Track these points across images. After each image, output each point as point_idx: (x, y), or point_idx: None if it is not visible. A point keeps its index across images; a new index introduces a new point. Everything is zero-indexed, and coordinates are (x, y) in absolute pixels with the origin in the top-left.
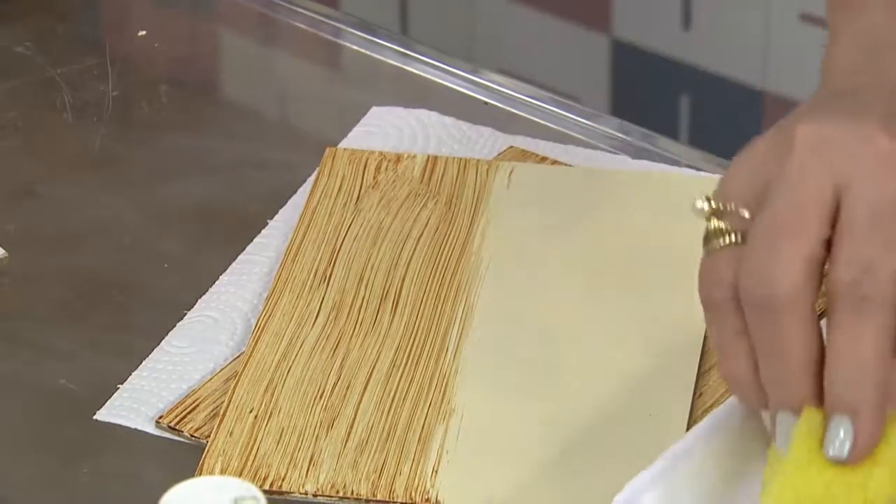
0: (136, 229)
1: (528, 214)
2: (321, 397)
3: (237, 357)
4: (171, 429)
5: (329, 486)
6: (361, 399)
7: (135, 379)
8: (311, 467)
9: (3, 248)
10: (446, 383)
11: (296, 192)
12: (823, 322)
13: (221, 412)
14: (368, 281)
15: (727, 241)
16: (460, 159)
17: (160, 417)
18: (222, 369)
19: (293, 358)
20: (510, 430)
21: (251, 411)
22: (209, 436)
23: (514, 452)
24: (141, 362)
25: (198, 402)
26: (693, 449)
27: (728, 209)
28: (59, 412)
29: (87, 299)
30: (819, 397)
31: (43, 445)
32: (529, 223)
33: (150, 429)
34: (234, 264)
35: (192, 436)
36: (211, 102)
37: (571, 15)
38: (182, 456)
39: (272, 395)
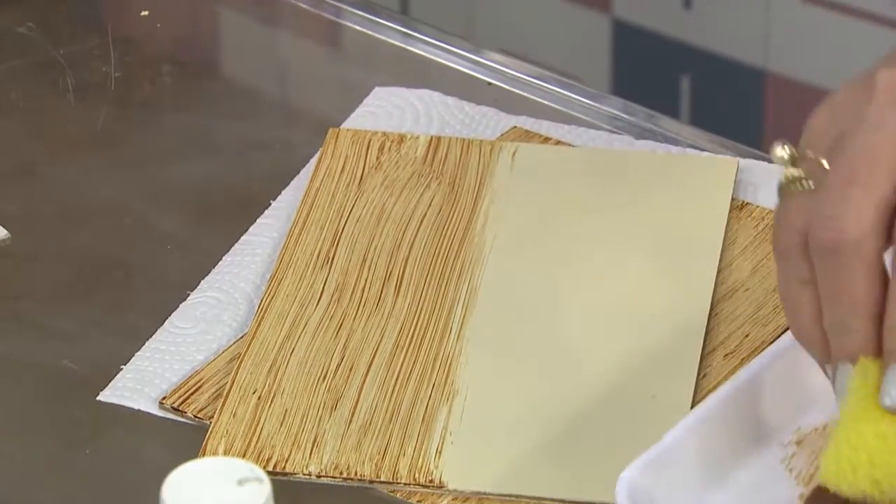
0: (138, 209)
1: (532, 195)
2: (324, 378)
3: (240, 338)
4: (175, 410)
5: (332, 467)
6: (365, 380)
7: (138, 360)
8: (314, 448)
9: (6, 229)
10: (450, 364)
11: (298, 172)
12: None
13: (225, 393)
14: (371, 262)
15: (802, 187)
16: (463, 140)
17: (163, 398)
18: (225, 350)
19: (296, 339)
20: (514, 410)
21: (254, 392)
22: (213, 417)
23: (518, 433)
24: (144, 343)
25: (201, 382)
26: (696, 429)
27: (805, 156)
28: (63, 393)
29: (89, 279)
30: (880, 348)
31: (46, 426)
32: (533, 204)
33: (154, 410)
34: (236, 245)
35: (195, 417)
36: (212, 82)
37: None
38: (186, 437)
39: (275, 376)
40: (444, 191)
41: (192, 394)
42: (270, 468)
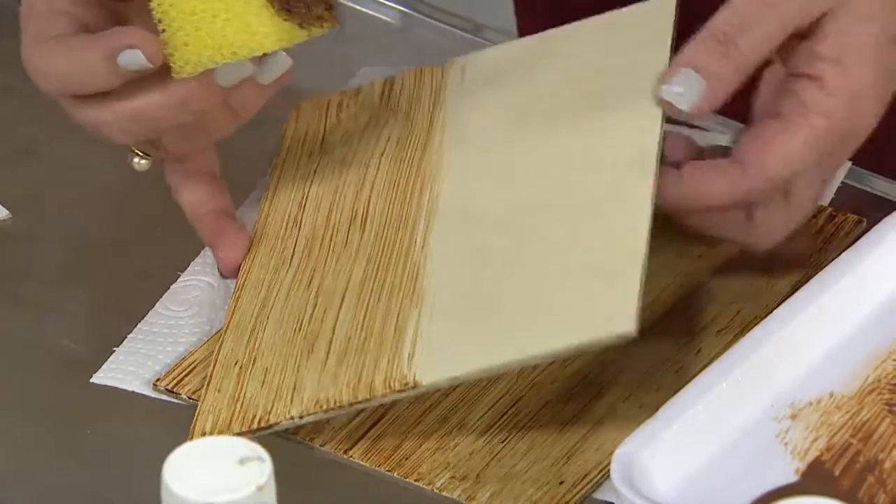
0: (136, 191)
1: (484, 98)
2: (300, 329)
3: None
4: (169, 392)
5: (313, 404)
6: (338, 316)
7: (130, 342)
8: (294, 394)
9: (6, 209)
10: (416, 273)
11: None
12: None
13: (209, 373)
14: (336, 211)
15: None
16: (416, 70)
17: (157, 380)
18: (218, 332)
19: (271, 304)
20: (481, 302)
21: (236, 363)
22: None
23: (486, 324)
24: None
25: (194, 364)
26: (690, 405)
27: None
28: (62, 373)
29: (89, 259)
30: None
31: (46, 406)
32: (487, 109)
33: (148, 391)
34: None
35: (189, 398)
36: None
37: None
38: (182, 417)
39: (255, 342)
40: (401, 123)
41: (185, 375)
42: (255, 426)
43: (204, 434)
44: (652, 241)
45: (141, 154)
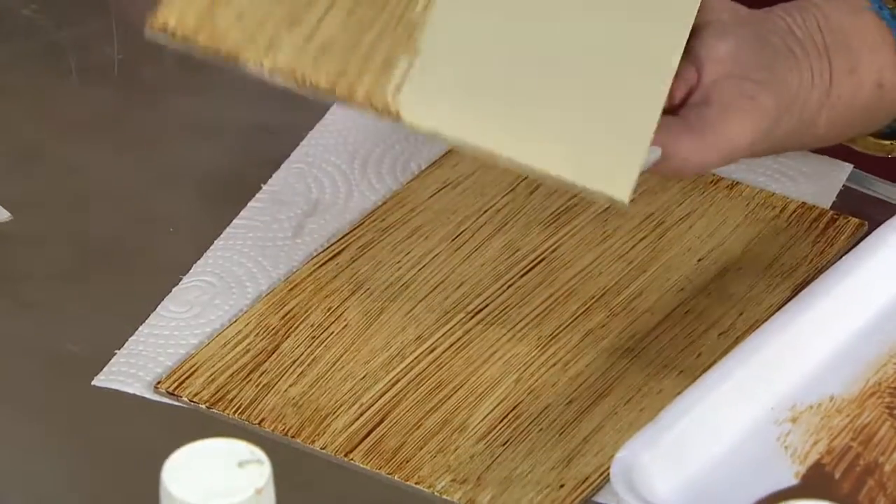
0: (139, 192)
1: None
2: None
3: (234, 321)
4: (170, 394)
5: (288, 70)
6: (329, 9)
7: (132, 344)
8: (269, 49)
9: (8, 211)
10: (413, 29)
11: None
12: None
13: None
14: None
15: None
16: None
17: (158, 383)
18: (219, 334)
19: None
20: (476, 68)
21: None
22: (207, 401)
23: (481, 87)
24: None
25: (196, 367)
26: (691, 407)
27: None
28: (64, 375)
29: (91, 261)
30: None
31: (48, 408)
32: None
33: (149, 394)
34: (228, 228)
35: (190, 401)
36: (216, 66)
37: None
38: (183, 420)
39: None
40: None
41: (187, 378)
42: (221, 52)
43: (166, 27)
44: (653, 245)
45: None
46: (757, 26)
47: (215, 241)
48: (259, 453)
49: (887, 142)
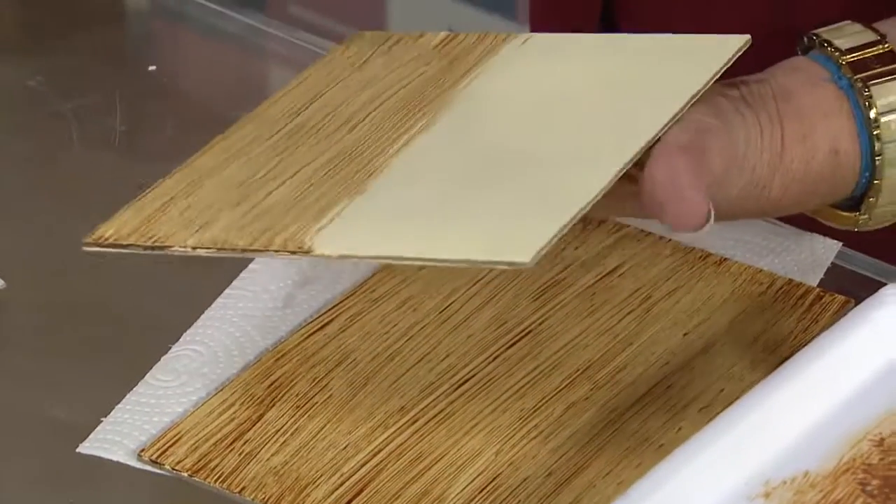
0: (134, 260)
1: (527, 69)
2: (241, 185)
3: (220, 390)
4: (153, 462)
5: (210, 241)
6: (282, 185)
7: (118, 412)
8: (200, 230)
9: (3, 280)
10: (371, 174)
11: None
12: None
13: (141, 196)
14: (337, 114)
15: None
16: (481, 33)
17: (142, 451)
18: (205, 402)
19: (231, 163)
20: (415, 205)
21: (170, 196)
22: (190, 469)
23: (403, 221)
24: (129, 392)
25: (179, 435)
26: (665, 480)
27: None
28: (47, 441)
29: (79, 330)
30: None
31: (29, 474)
32: (526, 75)
33: (133, 462)
34: (219, 298)
35: (173, 469)
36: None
37: None
38: (165, 488)
39: (197, 187)
40: (442, 65)
41: (170, 446)
42: (149, 244)
43: (101, 238)
44: (639, 319)
45: None
46: (707, 94)
47: (206, 311)
48: None
49: (850, 214)
